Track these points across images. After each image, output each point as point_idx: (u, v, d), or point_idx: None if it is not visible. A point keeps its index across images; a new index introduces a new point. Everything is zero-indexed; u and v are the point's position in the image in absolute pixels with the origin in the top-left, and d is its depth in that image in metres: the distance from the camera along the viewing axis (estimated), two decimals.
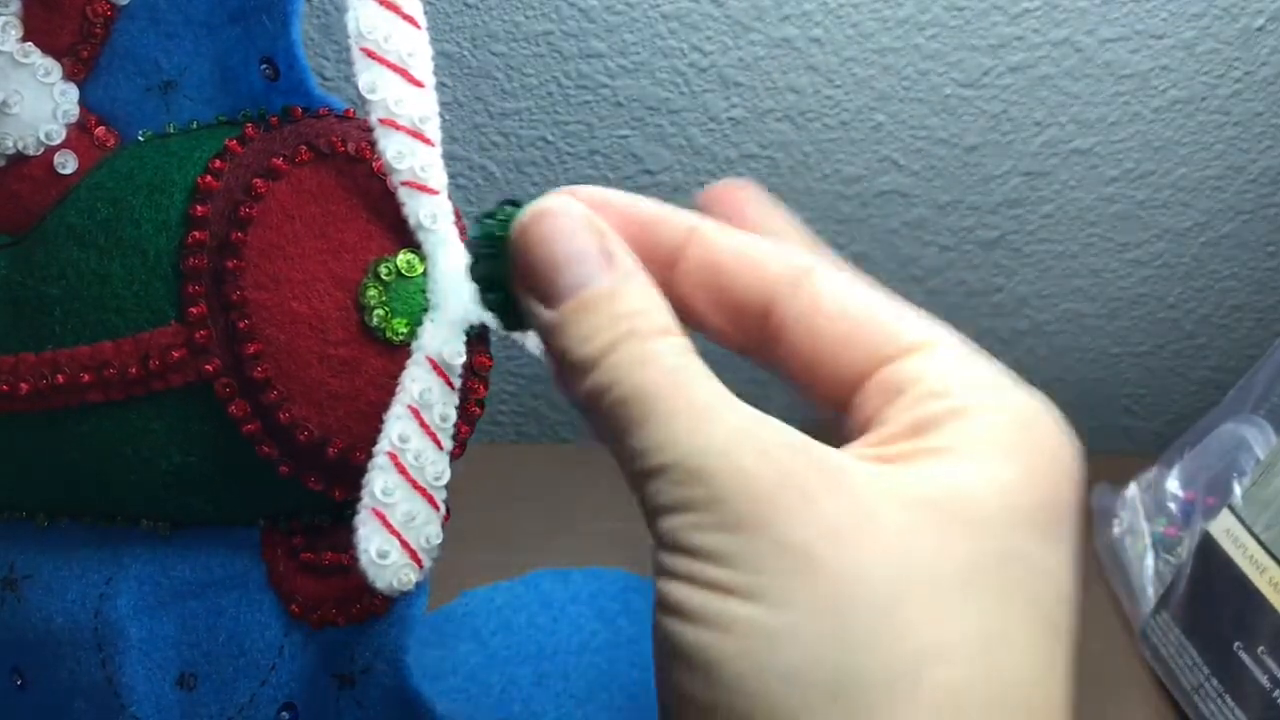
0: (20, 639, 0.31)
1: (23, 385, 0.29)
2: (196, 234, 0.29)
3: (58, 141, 0.31)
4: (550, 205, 0.25)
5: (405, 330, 0.29)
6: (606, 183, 0.54)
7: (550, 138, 0.53)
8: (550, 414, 0.63)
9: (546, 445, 0.63)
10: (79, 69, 0.32)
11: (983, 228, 0.57)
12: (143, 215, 0.29)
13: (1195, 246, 0.59)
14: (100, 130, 0.32)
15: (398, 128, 0.29)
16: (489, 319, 0.29)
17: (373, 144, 0.29)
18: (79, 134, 0.32)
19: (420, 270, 0.29)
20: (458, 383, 0.29)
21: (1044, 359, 0.62)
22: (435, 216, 0.29)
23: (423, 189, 0.29)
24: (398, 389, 0.28)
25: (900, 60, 0.52)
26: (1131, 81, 0.53)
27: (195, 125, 0.32)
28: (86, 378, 0.29)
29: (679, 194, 0.55)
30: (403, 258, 0.29)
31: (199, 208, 0.29)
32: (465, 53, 0.51)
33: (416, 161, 0.29)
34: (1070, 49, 0.52)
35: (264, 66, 0.31)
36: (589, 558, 0.50)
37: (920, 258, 0.58)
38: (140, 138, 0.32)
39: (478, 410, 0.30)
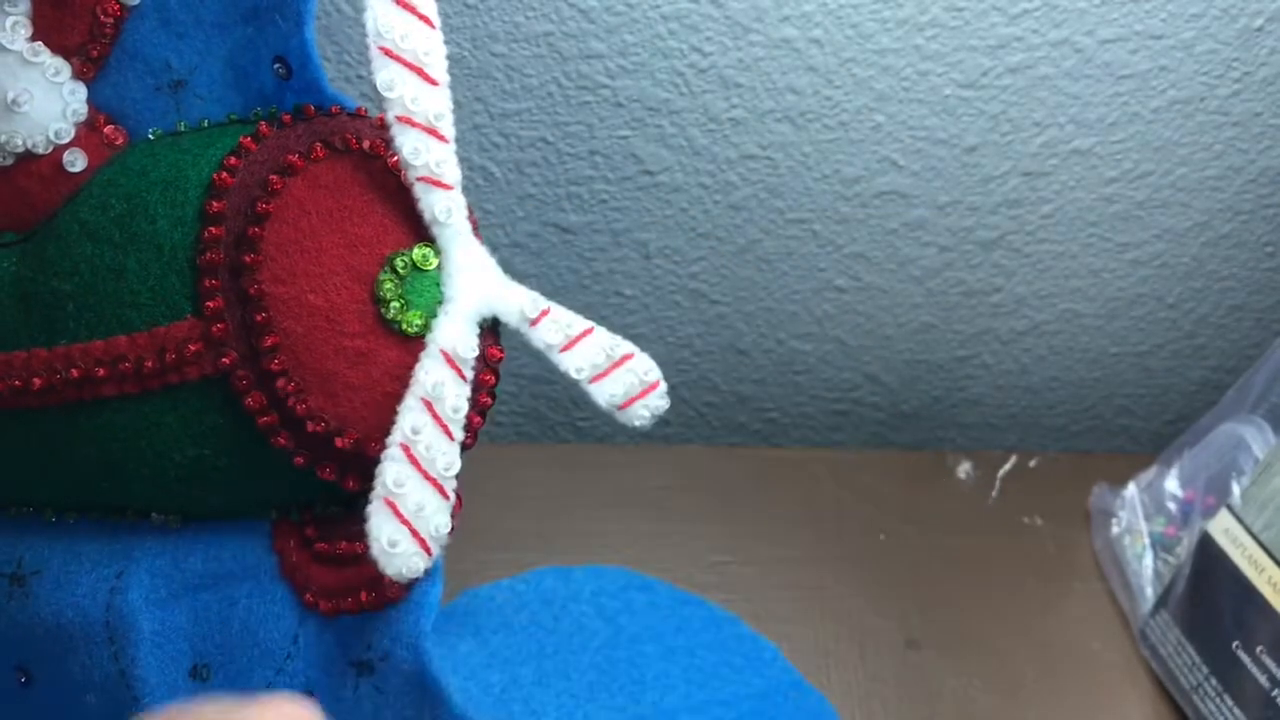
0: (28, 635, 0.31)
1: (35, 380, 0.30)
2: (213, 229, 0.29)
3: (66, 140, 0.31)
4: None
5: (420, 322, 0.29)
6: (606, 183, 0.55)
7: (550, 138, 0.53)
8: (550, 414, 0.63)
9: (546, 445, 0.63)
10: (88, 68, 0.32)
11: (982, 228, 0.57)
12: (158, 211, 0.29)
13: (1194, 247, 0.59)
14: (109, 129, 0.32)
15: (414, 124, 0.29)
16: (502, 310, 0.30)
17: (387, 141, 0.30)
18: (88, 132, 0.32)
19: (435, 264, 0.30)
20: (470, 374, 0.30)
21: (1043, 359, 0.62)
22: (450, 211, 0.30)
23: (438, 184, 0.29)
24: (411, 381, 0.29)
25: (900, 61, 0.52)
26: (1130, 82, 0.53)
27: (206, 123, 0.32)
28: (101, 372, 0.29)
29: (679, 194, 0.55)
30: (418, 251, 0.30)
31: (215, 203, 0.29)
32: (465, 53, 0.51)
33: (432, 157, 0.29)
34: (1069, 49, 0.52)
35: (277, 66, 0.31)
36: (588, 557, 0.50)
37: (920, 258, 0.58)
38: (151, 136, 0.32)
39: (489, 400, 0.31)
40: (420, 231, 0.30)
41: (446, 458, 0.29)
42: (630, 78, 0.51)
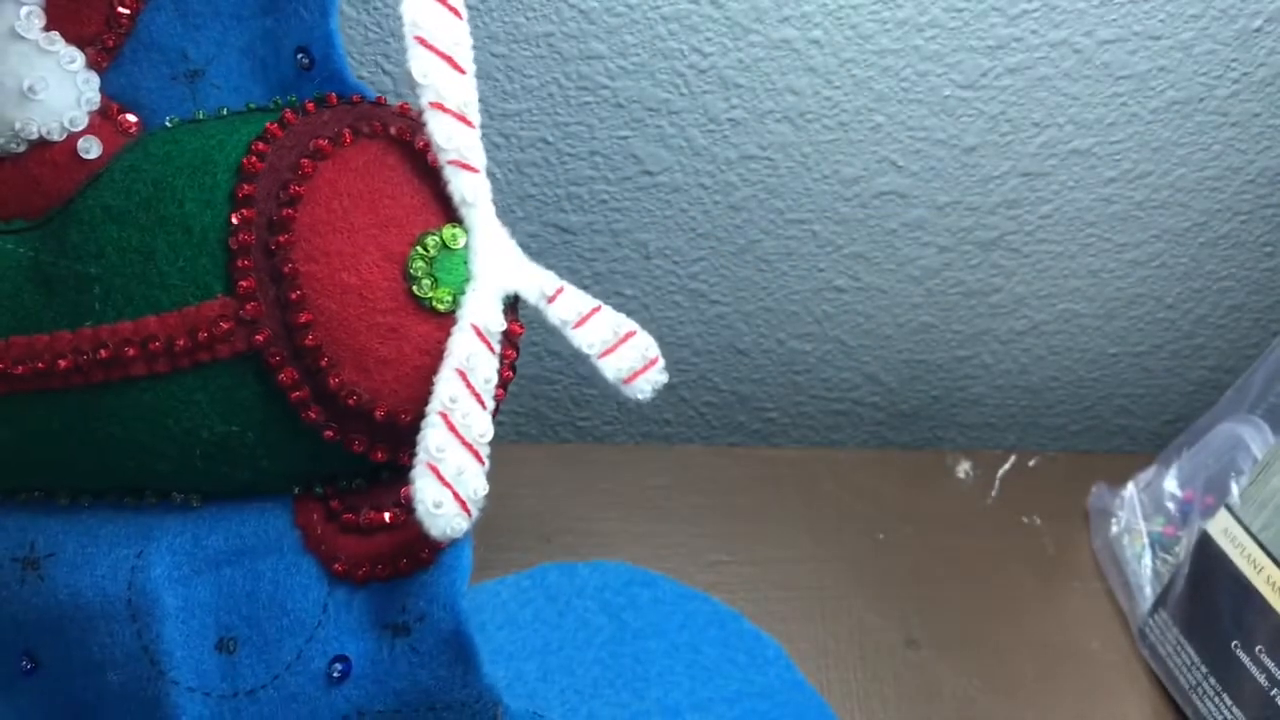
0: (40, 619, 0.32)
1: (61, 362, 0.30)
2: (245, 212, 0.30)
3: (81, 128, 0.32)
4: None
5: (449, 299, 0.31)
6: (606, 183, 0.55)
7: (550, 139, 0.53)
8: (550, 414, 0.63)
9: (546, 445, 0.63)
10: (102, 58, 0.32)
11: (981, 228, 0.57)
12: (186, 194, 0.30)
13: (1193, 247, 0.59)
14: (123, 116, 0.33)
15: (445, 110, 0.30)
16: (523, 288, 0.31)
17: (411, 127, 0.31)
18: (101, 120, 0.32)
19: (463, 243, 0.31)
20: (498, 348, 0.31)
21: (1042, 359, 0.63)
22: (477, 193, 0.31)
23: (466, 167, 0.31)
24: (445, 354, 0.30)
25: (899, 62, 0.52)
26: (1129, 82, 0.53)
27: (225, 112, 0.33)
28: (131, 352, 0.30)
29: (679, 194, 0.55)
30: (448, 231, 0.31)
31: (245, 187, 0.30)
32: None
33: (461, 142, 0.31)
34: (1068, 50, 0.52)
35: (300, 56, 0.32)
36: (588, 557, 0.51)
37: (919, 258, 0.58)
38: (168, 123, 0.33)
39: (510, 374, 0.32)
40: (447, 212, 0.31)
41: (481, 425, 0.30)
42: (630, 78, 0.52)
